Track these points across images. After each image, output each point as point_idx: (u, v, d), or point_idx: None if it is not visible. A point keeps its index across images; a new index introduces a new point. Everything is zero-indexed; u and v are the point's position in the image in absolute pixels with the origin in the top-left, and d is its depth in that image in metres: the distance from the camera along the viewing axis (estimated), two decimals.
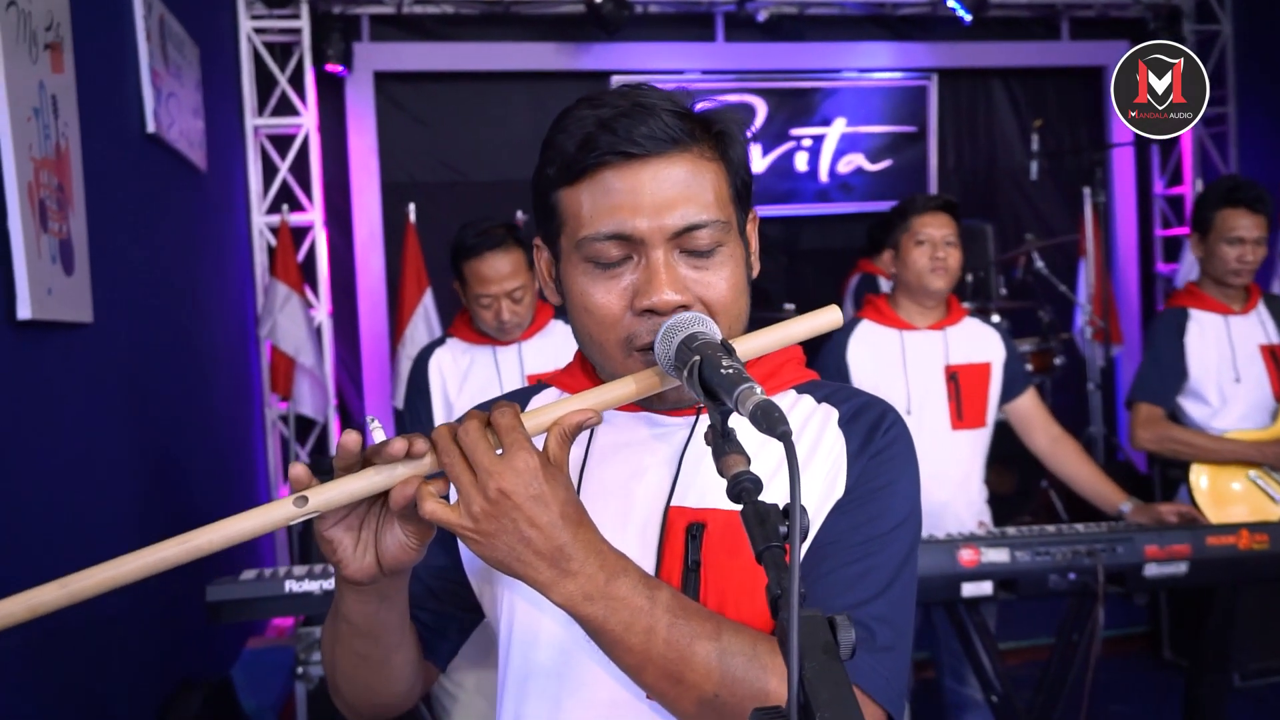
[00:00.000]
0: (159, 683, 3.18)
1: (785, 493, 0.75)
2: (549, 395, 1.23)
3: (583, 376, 1.17)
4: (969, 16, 5.81)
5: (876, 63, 6.36)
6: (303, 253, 5.53)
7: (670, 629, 0.93)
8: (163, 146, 3.58)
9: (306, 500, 0.93)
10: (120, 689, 2.87)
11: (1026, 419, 3.05)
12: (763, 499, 0.82)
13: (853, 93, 6.41)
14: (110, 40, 3.15)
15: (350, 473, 0.95)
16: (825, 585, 1.02)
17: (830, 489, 1.08)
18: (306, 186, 5.61)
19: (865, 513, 1.06)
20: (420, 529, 0.98)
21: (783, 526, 0.78)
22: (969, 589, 2.52)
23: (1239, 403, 3.21)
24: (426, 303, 5.26)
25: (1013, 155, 6.62)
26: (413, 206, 5.43)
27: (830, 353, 2.95)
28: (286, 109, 5.55)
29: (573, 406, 0.98)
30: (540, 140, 1.09)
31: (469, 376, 2.89)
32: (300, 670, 3.06)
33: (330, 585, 2.40)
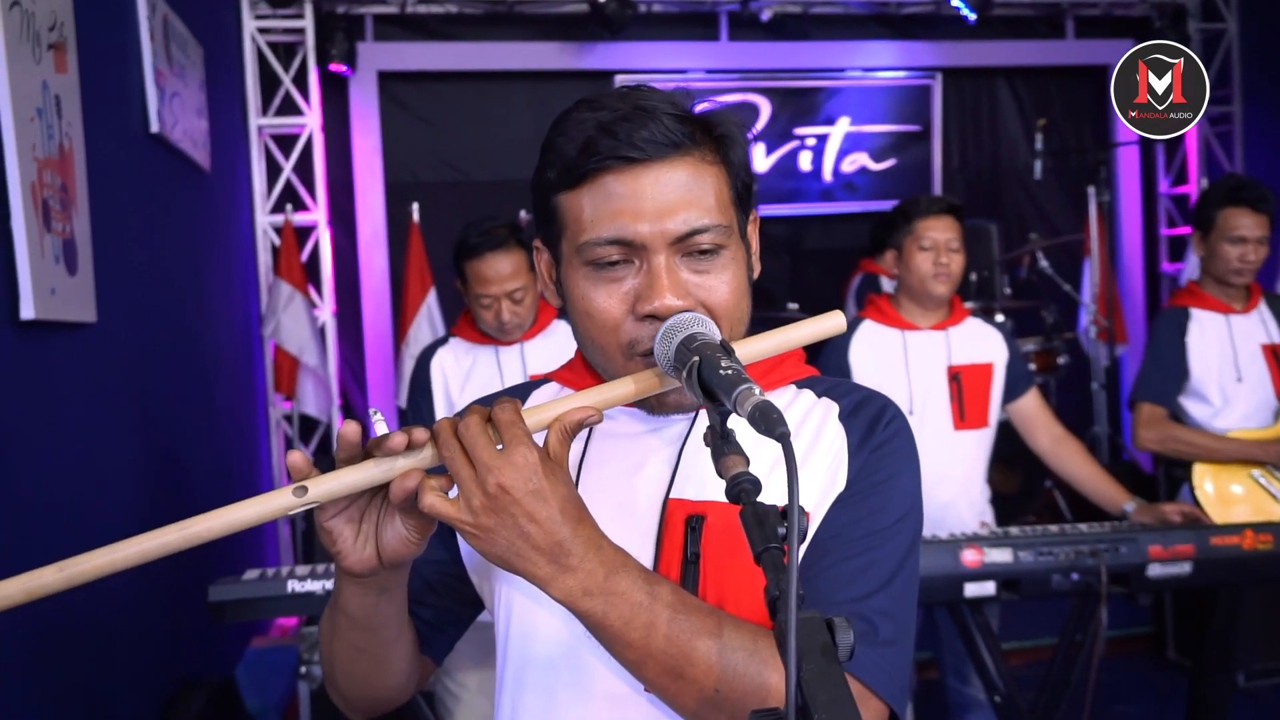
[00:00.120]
0: (162, 682, 3.18)
1: (784, 491, 0.75)
2: (549, 391, 1.23)
3: (585, 373, 1.17)
4: (973, 15, 5.79)
5: (880, 62, 6.36)
6: (306, 252, 5.54)
7: (670, 624, 0.93)
8: (166, 146, 3.58)
9: (306, 490, 0.93)
10: (123, 689, 2.87)
11: (1029, 419, 3.04)
12: (762, 499, 0.82)
13: (857, 92, 6.40)
14: (114, 40, 3.16)
15: (351, 464, 0.95)
16: (827, 579, 1.02)
17: (831, 483, 1.08)
18: (310, 186, 5.61)
19: (866, 507, 1.06)
20: (420, 522, 0.98)
21: (781, 528, 0.78)
22: (972, 589, 2.51)
23: (1241, 402, 3.20)
24: (430, 302, 5.26)
25: (1017, 154, 6.60)
26: (416, 206, 5.43)
27: (832, 353, 2.95)
28: (290, 109, 5.55)
29: (574, 404, 0.98)
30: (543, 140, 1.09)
31: (471, 376, 2.90)
32: (303, 670, 3.05)
33: (332, 585, 2.40)
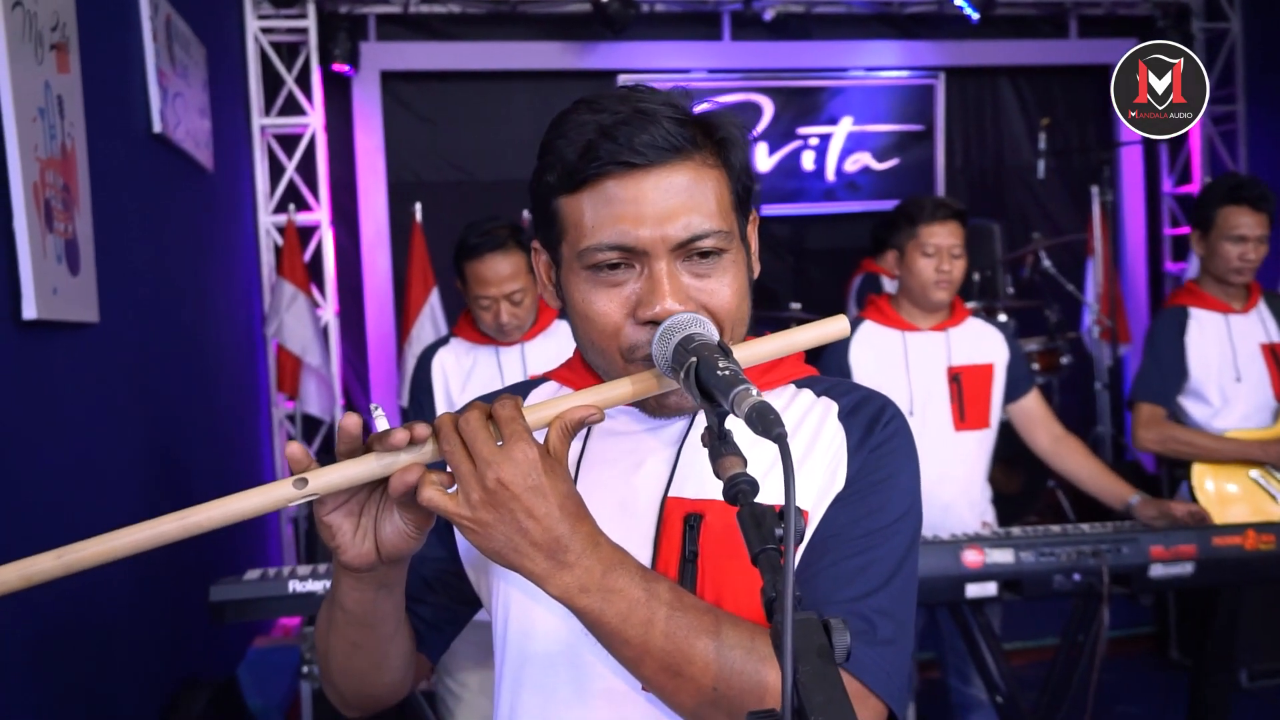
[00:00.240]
0: (164, 682, 3.18)
1: (782, 491, 0.75)
2: (548, 390, 1.24)
3: (584, 371, 1.17)
4: (976, 15, 5.79)
5: (883, 61, 6.35)
6: (309, 252, 5.54)
7: (668, 622, 0.93)
8: (169, 146, 3.59)
9: (306, 482, 0.93)
10: (125, 688, 2.87)
11: (1030, 420, 3.04)
12: (759, 499, 0.82)
13: (859, 91, 6.39)
14: (116, 40, 3.16)
15: (352, 457, 0.95)
16: (826, 578, 1.02)
17: (830, 482, 1.08)
18: (313, 186, 5.62)
19: (866, 506, 1.06)
20: (419, 517, 0.98)
21: (778, 528, 0.78)
22: (973, 590, 2.51)
23: (1240, 402, 3.20)
24: (433, 302, 5.27)
25: (1020, 154, 6.60)
26: (419, 206, 5.43)
27: (833, 353, 2.94)
28: (293, 108, 5.56)
29: (575, 402, 0.99)
30: None
31: (472, 376, 2.90)
32: (306, 670, 3.06)
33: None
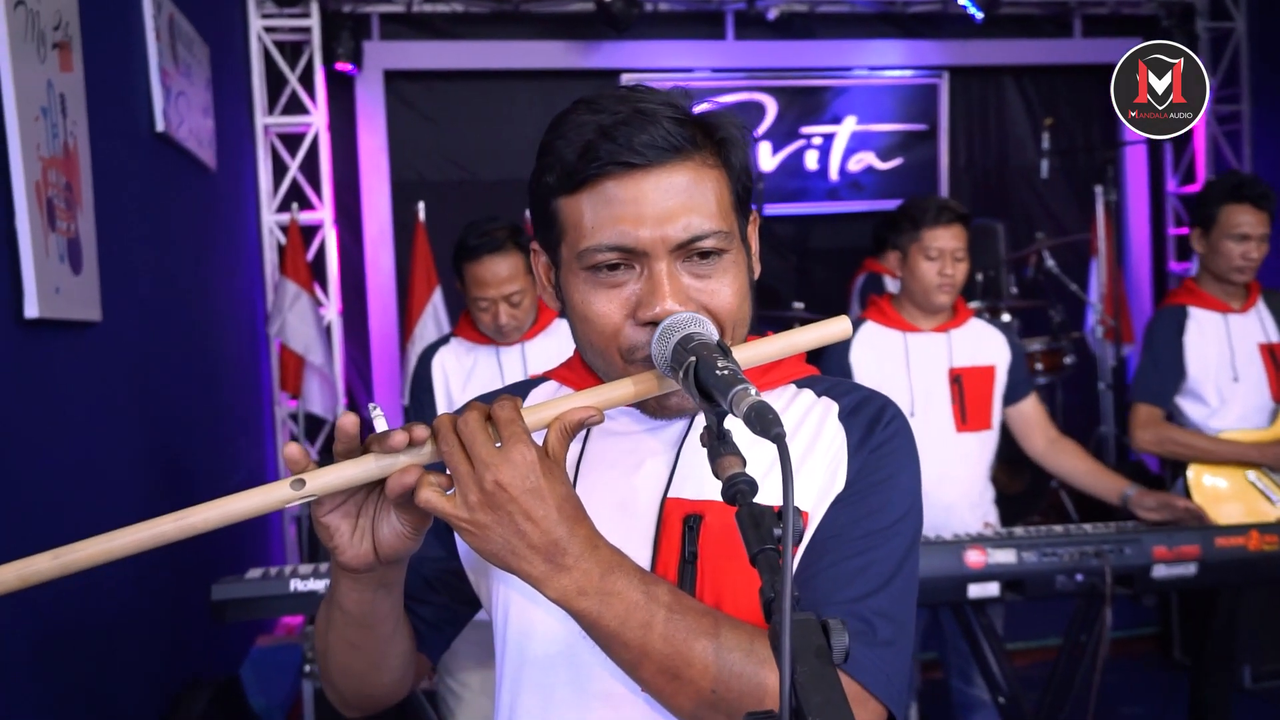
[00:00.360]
0: (167, 681, 3.19)
1: (781, 492, 0.75)
2: (548, 389, 1.23)
3: (584, 371, 1.17)
4: (980, 14, 5.78)
5: (887, 60, 6.34)
6: (312, 251, 5.54)
7: (667, 624, 0.92)
8: (172, 145, 3.59)
9: (304, 483, 0.93)
10: (128, 687, 2.88)
11: (1027, 423, 3.03)
12: (758, 500, 0.82)
13: (863, 91, 6.39)
14: (119, 39, 3.16)
15: (350, 457, 0.95)
16: (826, 579, 1.02)
17: (831, 482, 1.08)
18: (316, 185, 5.62)
19: (866, 506, 1.06)
20: (416, 518, 0.98)
21: (777, 529, 0.78)
22: (975, 590, 2.51)
23: (1237, 403, 3.19)
24: (436, 301, 5.27)
25: (1024, 153, 6.59)
26: (422, 205, 5.43)
27: (834, 353, 2.94)
28: (296, 108, 5.56)
29: (575, 403, 0.98)
30: None
31: (472, 376, 2.89)
32: (308, 669, 3.06)
33: None
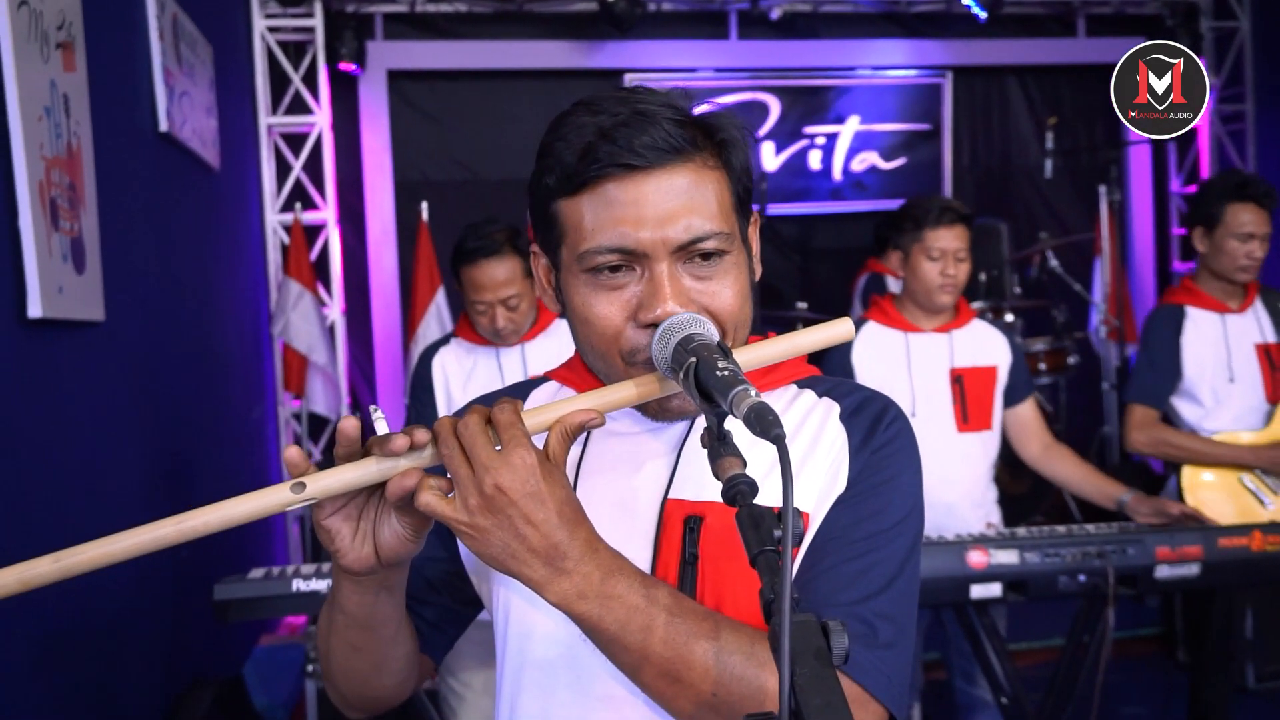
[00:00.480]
0: (170, 681, 3.19)
1: (781, 493, 0.75)
2: (549, 390, 1.23)
3: (585, 372, 1.17)
4: (984, 14, 5.77)
5: (891, 60, 6.34)
6: (316, 251, 5.54)
7: (668, 627, 0.92)
8: (175, 145, 3.59)
9: (304, 486, 0.93)
10: (131, 687, 2.88)
11: (1023, 427, 3.03)
12: (759, 501, 0.82)
13: (867, 90, 6.38)
14: (122, 39, 3.16)
15: (351, 460, 0.95)
16: (826, 581, 1.01)
17: (832, 483, 1.07)
18: (320, 185, 5.63)
19: (867, 508, 1.06)
20: (417, 521, 0.98)
21: (777, 530, 0.78)
22: (978, 591, 2.51)
23: (1232, 404, 3.17)
24: (439, 301, 5.27)
25: (1028, 153, 6.58)
26: (425, 205, 5.43)
27: (836, 354, 2.94)
28: (300, 107, 5.57)
29: (575, 405, 0.98)
30: None
31: (472, 377, 2.89)
32: (311, 668, 3.07)
33: None
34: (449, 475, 0.93)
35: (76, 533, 0.94)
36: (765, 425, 0.79)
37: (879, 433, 1.10)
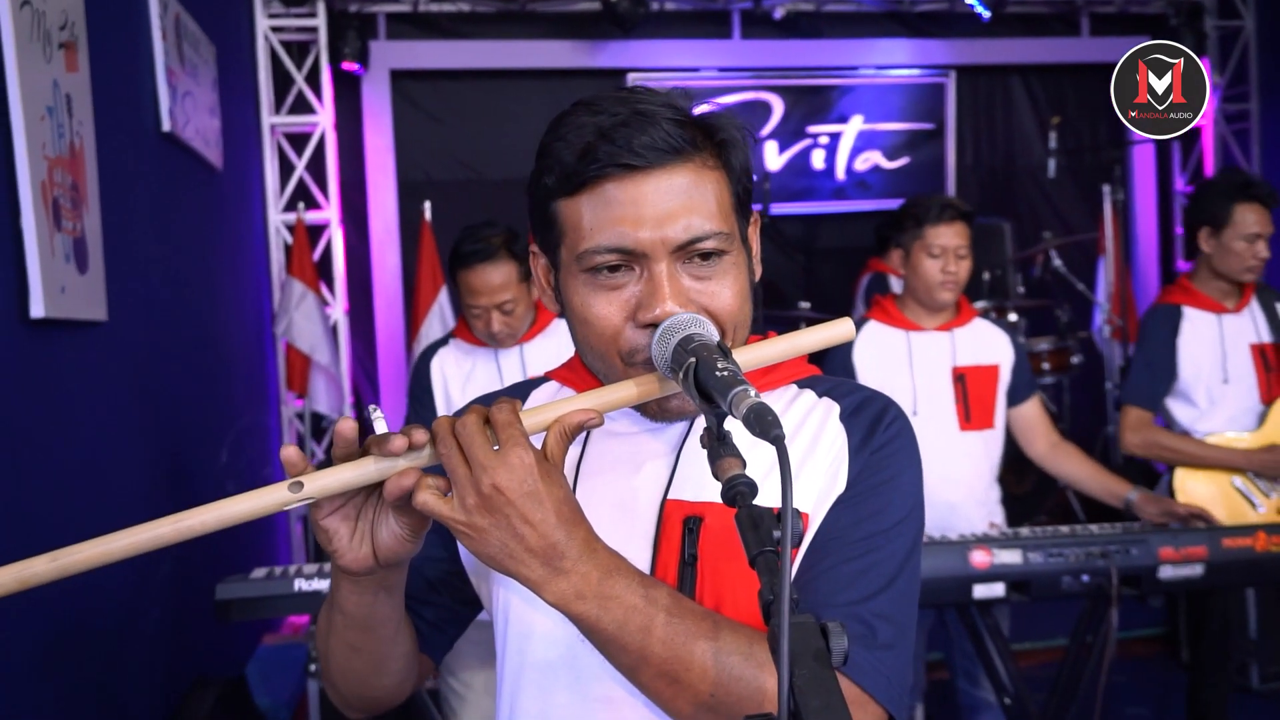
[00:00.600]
0: (173, 680, 3.19)
1: (780, 494, 0.75)
2: (549, 390, 1.23)
3: (585, 373, 1.16)
4: (988, 13, 5.76)
5: (894, 60, 6.34)
6: (319, 251, 5.55)
7: (666, 628, 0.92)
8: (178, 145, 3.60)
9: (302, 486, 0.93)
10: (134, 686, 2.88)
11: (1029, 426, 3.03)
12: (758, 502, 0.82)
13: (870, 90, 6.38)
14: (125, 39, 3.17)
15: (349, 460, 0.95)
16: (826, 581, 1.01)
17: (831, 484, 1.07)
18: (323, 184, 5.63)
19: (867, 508, 1.05)
20: (414, 521, 0.98)
21: (777, 531, 0.77)
22: (980, 590, 2.50)
23: (1226, 405, 3.16)
24: (442, 300, 5.27)
25: (1031, 152, 6.57)
26: (428, 204, 5.44)
27: (837, 353, 2.94)
28: (303, 107, 5.57)
29: (575, 405, 0.98)
30: None
31: (471, 379, 2.89)
32: (314, 668, 3.06)
33: None
34: (447, 475, 0.93)
35: (78, 532, 0.94)
36: (764, 426, 0.79)
37: (879, 433, 1.10)
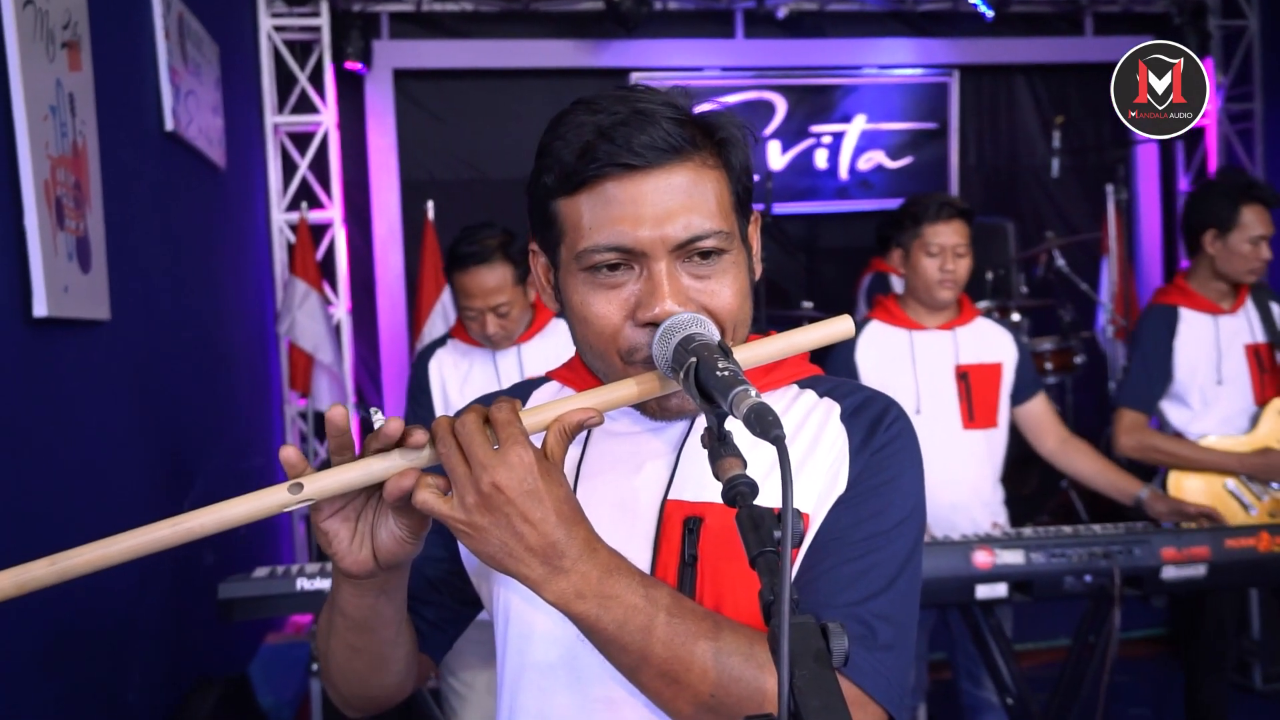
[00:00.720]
0: (176, 679, 3.20)
1: (781, 494, 0.74)
2: (549, 390, 1.23)
3: (585, 372, 1.16)
4: (991, 12, 5.76)
5: (897, 59, 6.33)
6: (322, 250, 5.56)
7: (667, 628, 0.92)
8: (181, 144, 3.60)
9: (301, 487, 0.93)
10: (137, 686, 2.88)
11: (1037, 423, 3.02)
12: (759, 502, 0.82)
13: (873, 89, 6.37)
14: (128, 38, 3.17)
15: (345, 453, 0.95)
16: (826, 581, 1.01)
17: (832, 484, 1.07)
18: (326, 184, 5.63)
19: (868, 508, 1.05)
20: (414, 522, 0.98)
21: (777, 531, 0.77)
22: (983, 591, 2.50)
23: (1220, 406, 3.15)
24: (445, 300, 5.26)
25: (1034, 152, 6.56)
26: (431, 204, 5.44)
27: (839, 353, 2.94)
28: (306, 106, 5.58)
29: (575, 404, 0.98)
30: None
31: (469, 379, 2.89)
32: (316, 667, 3.07)
33: None
34: (447, 474, 0.93)
35: (79, 533, 0.94)
36: (765, 426, 0.79)
37: (880, 433, 1.09)
